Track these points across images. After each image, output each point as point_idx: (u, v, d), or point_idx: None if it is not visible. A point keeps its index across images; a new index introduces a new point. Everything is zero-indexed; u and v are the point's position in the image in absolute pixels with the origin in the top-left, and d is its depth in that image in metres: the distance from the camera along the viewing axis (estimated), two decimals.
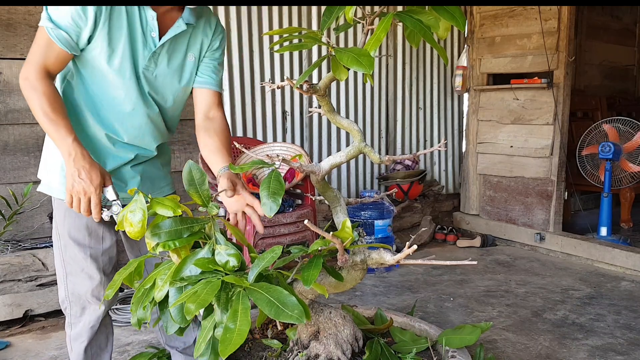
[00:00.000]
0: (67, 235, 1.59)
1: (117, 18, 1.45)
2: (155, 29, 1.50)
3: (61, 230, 1.60)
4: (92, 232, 1.61)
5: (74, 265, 1.61)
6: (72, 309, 1.65)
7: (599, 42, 5.83)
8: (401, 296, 3.17)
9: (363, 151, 1.47)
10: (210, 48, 1.65)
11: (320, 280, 1.56)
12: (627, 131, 4.12)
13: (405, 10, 1.22)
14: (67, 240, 1.60)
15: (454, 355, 1.68)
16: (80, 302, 1.64)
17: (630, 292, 3.24)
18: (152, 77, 1.56)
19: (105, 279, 1.63)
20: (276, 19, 3.84)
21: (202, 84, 1.67)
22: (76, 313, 1.65)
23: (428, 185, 4.72)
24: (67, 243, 1.60)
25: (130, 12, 1.47)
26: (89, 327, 1.65)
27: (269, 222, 3.09)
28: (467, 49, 4.56)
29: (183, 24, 1.53)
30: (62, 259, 1.63)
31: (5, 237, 2.92)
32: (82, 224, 1.59)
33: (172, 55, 1.57)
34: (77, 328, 1.66)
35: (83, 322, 1.65)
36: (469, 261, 1.27)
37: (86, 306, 1.64)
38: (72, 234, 1.59)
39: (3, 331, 2.69)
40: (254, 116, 3.81)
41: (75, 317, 1.66)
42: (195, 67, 1.65)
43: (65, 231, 1.59)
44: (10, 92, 2.95)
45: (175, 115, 1.72)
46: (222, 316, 1.14)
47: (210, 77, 1.67)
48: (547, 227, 4.15)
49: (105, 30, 1.43)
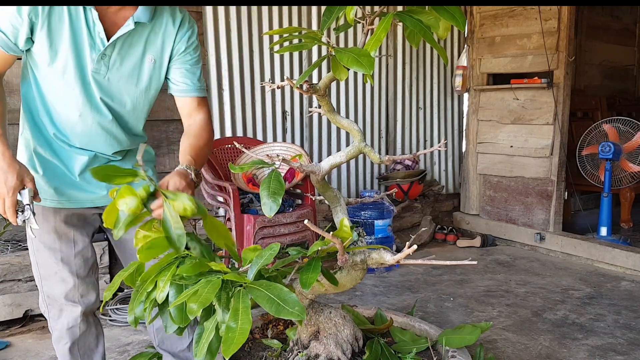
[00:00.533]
0: (37, 240, 1.55)
1: (58, 19, 1.38)
2: (101, 29, 1.42)
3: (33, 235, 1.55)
4: (61, 236, 1.57)
5: (47, 269, 1.59)
6: (50, 311, 1.63)
7: (599, 42, 5.83)
8: (401, 296, 3.17)
9: (363, 151, 1.48)
10: (177, 51, 1.55)
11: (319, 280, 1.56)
12: (627, 131, 4.12)
13: (405, 10, 1.22)
14: (38, 244, 1.57)
15: (454, 355, 1.68)
16: (57, 305, 1.61)
17: (630, 292, 3.24)
18: (104, 80, 1.48)
19: (79, 281, 1.60)
20: (276, 19, 3.84)
21: (177, 92, 1.59)
22: (54, 316, 1.63)
23: (428, 185, 4.72)
24: (39, 247, 1.57)
25: (74, 13, 1.40)
26: (67, 328, 1.63)
27: (269, 222, 3.09)
28: (467, 49, 4.56)
29: (132, 23, 1.43)
30: (36, 263, 1.60)
31: (5, 237, 2.93)
32: (51, 227, 1.55)
33: (126, 57, 1.49)
34: (57, 331, 1.65)
35: (61, 324, 1.63)
36: (469, 261, 1.27)
37: (63, 308, 1.62)
38: (42, 238, 1.55)
39: (3, 331, 2.69)
40: (254, 116, 3.81)
41: (53, 319, 1.64)
42: (158, 70, 1.55)
43: (36, 236, 1.54)
44: (10, 92, 2.95)
45: (138, 119, 1.62)
46: (223, 315, 1.14)
47: (185, 84, 1.58)
48: (547, 227, 4.15)
49: (44, 32, 1.37)
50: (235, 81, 3.71)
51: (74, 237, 1.59)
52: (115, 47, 1.46)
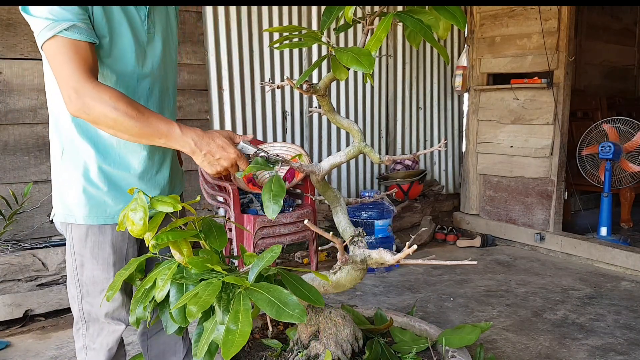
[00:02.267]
0: (88, 255, 1.42)
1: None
2: None
3: (78, 249, 1.43)
4: (116, 250, 1.45)
5: (91, 287, 1.45)
6: (88, 330, 1.48)
7: (599, 42, 5.83)
8: (401, 296, 3.17)
9: (363, 151, 1.47)
10: None
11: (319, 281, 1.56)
12: (627, 131, 4.12)
13: (405, 10, 1.22)
14: (87, 260, 1.43)
15: (454, 355, 1.68)
16: (98, 324, 1.48)
17: (630, 292, 3.24)
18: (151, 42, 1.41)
19: (127, 299, 1.48)
20: (276, 19, 3.84)
21: None
22: (92, 334, 1.48)
23: (428, 185, 4.72)
24: (85, 263, 1.43)
25: None
26: (107, 349, 1.49)
27: (269, 222, 3.09)
28: (467, 49, 4.57)
29: None
30: (77, 280, 1.46)
31: (5, 237, 2.92)
32: (107, 241, 1.43)
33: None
34: (93, 351, 1.49)
35: (100, 343, 1.48)
36: (469, 261, 1.27)
37: (104, 327, 1.48)
38: (94, 253, 1.43)
39: (3, 331, 2.69)
40: (254, 116, 3.81)
41: (90, 337, 1.48)
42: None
43: (86, 251, 1.42)
44: (10, 92, 2.95)
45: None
46: (223, 317, 1.14)
47: None
48: (547, 227, 4.15)
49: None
50: (235, 81, 3.71)
51: (127, 252, 1.47)
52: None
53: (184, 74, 3.50)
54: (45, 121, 3.05)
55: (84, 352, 1.50)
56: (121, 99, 1.21)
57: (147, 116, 1.23)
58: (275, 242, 3.11)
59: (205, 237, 1.31)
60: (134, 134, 1.23)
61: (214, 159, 1.27)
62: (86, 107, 1.19)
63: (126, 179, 1.41)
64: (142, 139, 1.25)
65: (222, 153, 1.27)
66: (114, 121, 1.20)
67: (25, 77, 2.99)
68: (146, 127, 1.22)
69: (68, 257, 1.47)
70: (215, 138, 1.28)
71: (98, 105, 1.19)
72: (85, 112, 1.20)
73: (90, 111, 1.20)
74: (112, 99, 1.19)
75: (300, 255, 3.79)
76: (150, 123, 1.23)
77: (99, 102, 1.19)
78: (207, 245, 1.31)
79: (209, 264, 1.23)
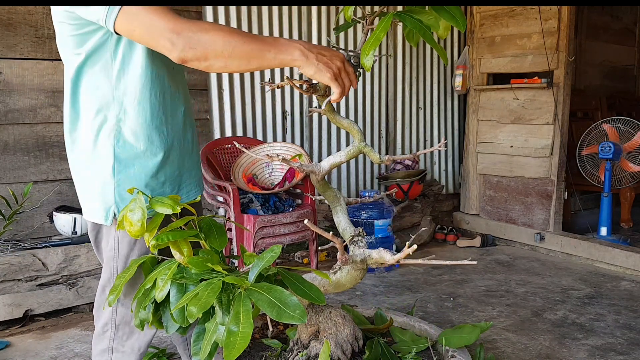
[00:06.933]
0: (137, 256, 1.37)
1: None
2: None
3: (125, 252, 1.37)
4: None
5: (132, 290, 1.39)
6: (117, 332, 1.42)
7: (599, 42, 5.83)
8: (401, 296, 3.17)
9: (363, 151, 1.48)
10: None
11: (319, 281, 1.56)
12: (627, 131, 4.12)
13: (405, 10, 1.22)
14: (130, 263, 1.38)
15: (454, 355, 1.68)
16: (129, 327, 1.42)
17: (630, 292, 3.24)
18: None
19: None
20: (276, 19, 3.84)
21: None
22: (121, 337, 1.42)
23: (428, 185, 4.72)
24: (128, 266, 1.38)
25: None
26: (138, 353, 1.44)
27: (269, 222, 3.10)
28: (467, 49, 4.57)
29: None
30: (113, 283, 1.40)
31: (5, 237, 2.92)
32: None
33: None
34: (120, 353, 1.43)
35: (130, 346, 1.43)
36: (469, 261, 1.27)
37: (134, 330, 1.41)
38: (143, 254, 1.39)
39: (3, 331, 2.69)
40: (254, 116, 3.81)
41: (119, 341, 1.42)
42: None
43: (134, 254, 1.37)
44: (10, 92, 2.95)
45: None
46: (223, 318, 1.14)
47: None
48: (547, 227, 4.15)
49: None
50: (235, 81, 3.71)
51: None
52: None
53: (184, 73, 3.49)
54: (45, 121, 3.05)
55: (107, 354, 1.43)
56: (214, 23, 1.16)
57: (246, 33, 1.16)
58: (275, 242, 3.11)
59: (205, 237, 1.31)
60: (245, 53, 1.13)
61: (326, 58, 1.18)
62: (192, 42, 1.11)
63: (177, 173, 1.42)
64: (252, 59, 1.15)
65: (331, 52, 1.20)
66: (223, 44, 1.12)
67: (25, 77, 2.99)
68: (253, 41, 1.15)
69: (109, 260, 1.40)
70: (313, 45, 1.21)
71: (202, 35, 1.12)
72: (192, 46, 1.11)
73: (197, 44, 1.12)
74: (209, 24, 1.14)
75: (300, 255, 3.80)
76: (254, 37, 1.16)
77: (201, 31, 1.12)
78: (207, 245, 1.31)
79: (209, 264, 1.23)
